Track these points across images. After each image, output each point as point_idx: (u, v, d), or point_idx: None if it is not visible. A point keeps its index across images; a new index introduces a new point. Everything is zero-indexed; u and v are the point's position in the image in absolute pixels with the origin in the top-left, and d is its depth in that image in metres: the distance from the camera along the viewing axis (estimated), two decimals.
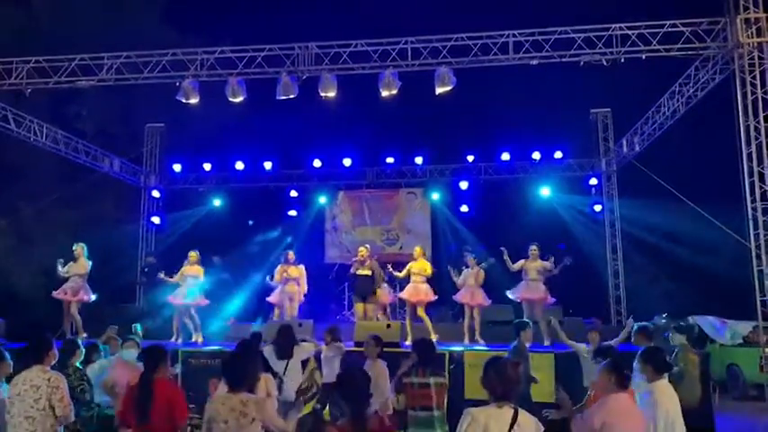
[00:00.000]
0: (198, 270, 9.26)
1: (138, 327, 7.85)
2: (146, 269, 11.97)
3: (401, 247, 13.32)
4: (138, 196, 13.46)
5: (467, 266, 8.77)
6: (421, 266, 8.71)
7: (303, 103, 9.98)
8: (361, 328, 8.09)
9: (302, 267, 9.63)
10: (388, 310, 10.81)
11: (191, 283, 9.13)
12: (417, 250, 8.93)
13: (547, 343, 8.36)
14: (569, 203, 12.38)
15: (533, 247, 8.41)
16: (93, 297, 8.68)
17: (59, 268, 8.48)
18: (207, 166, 13.04)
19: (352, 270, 9.24)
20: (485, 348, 7.78)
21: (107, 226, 11.55)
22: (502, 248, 8.39)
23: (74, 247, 8.58)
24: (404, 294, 8.89)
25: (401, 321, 9.33)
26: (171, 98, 9.21)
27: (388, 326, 8.04)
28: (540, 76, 9.54)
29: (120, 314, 9.39)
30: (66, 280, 8.49)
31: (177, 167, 13.13)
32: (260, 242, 12.66)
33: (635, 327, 5.33)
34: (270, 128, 11.92)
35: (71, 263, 8.52)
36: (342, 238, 13.69)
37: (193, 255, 9.33)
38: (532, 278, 8.31)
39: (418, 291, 8.73)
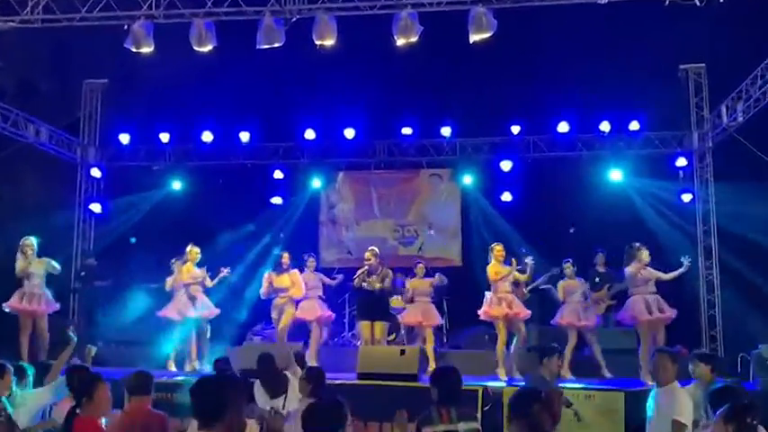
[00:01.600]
0: (201, 272, 9.90)
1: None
2: (82, 273, 12.12)
3: (421, 248, 13.38)
4: (73, 176, 13.54)
5: (558, 276, 9.34)
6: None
7: (292, 55, 9.99)
8: (366, 355, 8.28)
9: (296, 273, 9.93)
10: (403, 330, 10.96)
11: (192, 289, 9.76)
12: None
13: (608, 375, 8.66)
14: (648, 191, 12.31)
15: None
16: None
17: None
18: (164, 137, 13.05)
19: (355, 282, 9.46)
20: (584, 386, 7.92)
21: (31, 215, 11.64)
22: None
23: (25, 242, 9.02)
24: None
25: (421, 346, 9.46)
26: (117, 46, 9.24)
27: (403, 352, 8.19)
28: (610, 19, 9.46)
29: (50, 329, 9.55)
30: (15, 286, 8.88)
31: (124, 138, 13.17)
32: (232, 239, 12.77)
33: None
34: (248, 87, 11.95)
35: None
36: (342, 234, 13.78)
37: (194, 250, 9.92)
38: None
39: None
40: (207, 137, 12.94)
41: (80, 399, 4.56)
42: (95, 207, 13.20)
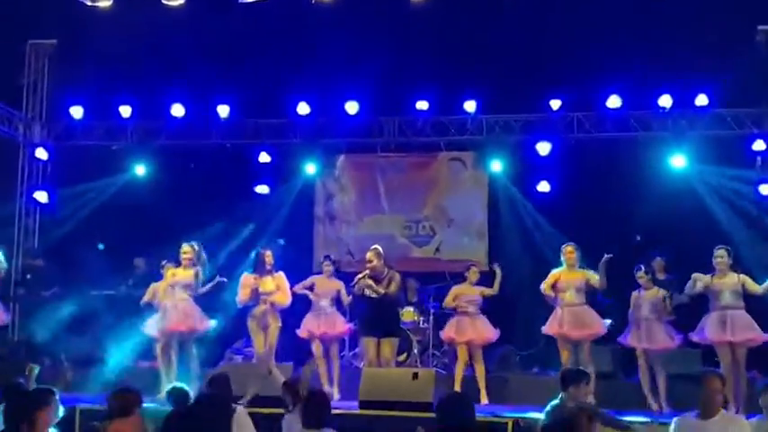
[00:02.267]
0: (189, 275, 9.88)
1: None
2: (27, 276, 12.08)
3: (438, 249, 13.36)
4: (14, 158, 13.45)
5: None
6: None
7: (281, 9, 9.84)
8: (370, 378, 8.36)
9: (281, 276, 9.84)
10: (416, 349, 11.12)
11: (180, 297, 9.88)
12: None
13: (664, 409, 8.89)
14: (718, 181, 12.15)
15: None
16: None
17: None
18: (125, 111, 13.02)
19: (356, 288, 9.50)
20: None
21: None
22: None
23: None
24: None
25: (438, 369, 9.43)
26: None
27: (416, 376, 8.27)
28: None
29: None
30: None
31: (77, 112, 13.13)
32: (210, 235, 12.46)
33: None
34: (227, 49, 11.85)
35: None
36: (342, 232, 13.78)
37: (188, 249, 9.95)
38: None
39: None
40: (177, 111, 12.86)
41: (18, 426, 4.61)
42: (41, 196, 13.05)
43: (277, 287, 9.79)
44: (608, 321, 9.90)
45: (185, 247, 10.03)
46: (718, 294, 9.00)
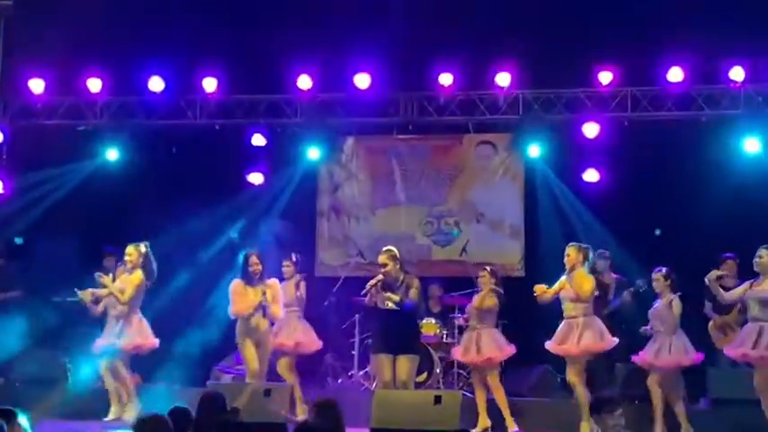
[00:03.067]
0: (138, 279, 10.20)
1: None
2: None
3: (465, 250, 13.38)
4: None
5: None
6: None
7: None
8: (384, 403, 8.30)
9: (275, 284, 10.02)
10: (438, 368, 11.15)
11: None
12: None
13: None
14: None
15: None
16: None
17: None
18: (94, 85, 13.07)
19: (367, 298, 9.51)
20: None
21: None
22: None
23: None
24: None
25: (464, 392, 9.54)
26: None
27: (438, 400, 8.16)
28: None
29: None
30: None
31: (37, 86, 13.18)
32: (193, 232, 12.81)
33: None
34: (215, 12, 11.99)
35: None
36: (350, 228, 13.81)
37: (133, 251, 10.23)
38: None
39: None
40: (156, 85, 12.92)
41: None
42: None
43: (272, 298, 9.94)
44: None
45: (132, 248, 10.29)
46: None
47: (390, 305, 9.39)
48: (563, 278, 9.71)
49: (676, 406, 9.56)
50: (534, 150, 12.77)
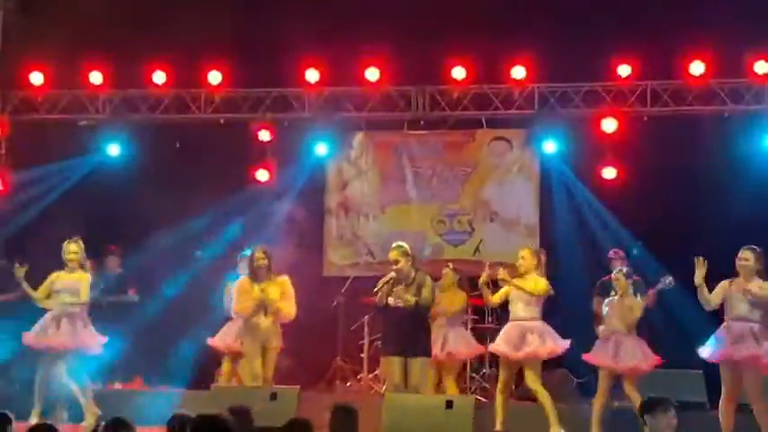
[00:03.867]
0: (81, 278, 10.12)
1: None
2: None
3: (478, 249, 13.33)
4: None
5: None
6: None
7: None
8: (393, 407, 8.33)
9: (285, 281, 9.84)
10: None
11: (67, 303, 10.09)
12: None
13: None
14: None
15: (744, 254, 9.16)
16: None
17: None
18: (95, 78, 13.11)
19: (378, 297, 9.46)
20: None
21: None
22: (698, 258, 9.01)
23: None
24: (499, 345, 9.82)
25: (478, 396, 9.45)
26: None
27: (450, 405, 8.15)
28: None
29: None
30: None
31: (37, 79, 13.23)
32: (197, 230, 12.80)
33: None
34: (219, 1, 12.09)
35: None
36: (359, 227, 13.77)
37: (73, 248, 10.17)
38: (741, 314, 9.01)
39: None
40: (158, 77, 12.98)
41: None
42: None
43: (282, 294, 9.75)
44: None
45: (72, 245, 10.29)
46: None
47: (402, 304, 9.31)
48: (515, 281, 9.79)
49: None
50: (550, 146, 12.84)
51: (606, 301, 9.78)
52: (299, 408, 8.07)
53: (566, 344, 9.72)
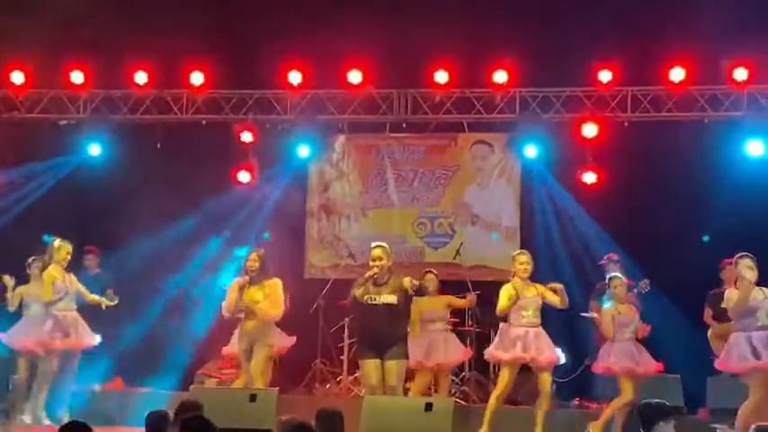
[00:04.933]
0: (70, 282, 10.26)
1: None
2: None
3: (459, 253, 13.36)
4: None
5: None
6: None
7: None
8: (372, 410, 8.18)
9: (275, 284, 9.92)
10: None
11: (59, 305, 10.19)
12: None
13: None
14: None
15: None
16: None
17: None
18: (76, 78, 13.06)
19: (356, 291, 9.37)
20: None
21: None
22: None
23: None
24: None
25: (456, 399, 9.32)
26: None
27: (429, 407, 8.08)
28: None
29: None
30: None
31: (17, 78, 13.14)
32: (178, 231, 12.76)
33: None
34: (202, 2, 12.00)
35: None
36: (340, 228, 13.79)
37: (63, 247, 10.23)
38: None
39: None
40: (141, 78, 12.93)
41: None
42: None
43: (266, 297, 9.76)
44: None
45: (61, 243, 10.38)
46: None
47: (380, 300, 9.29)
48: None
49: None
50: (531, 151, 12.81)
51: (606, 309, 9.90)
52: (279, 410, 7.97)
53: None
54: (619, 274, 10.02)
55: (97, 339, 10.43)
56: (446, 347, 10.65)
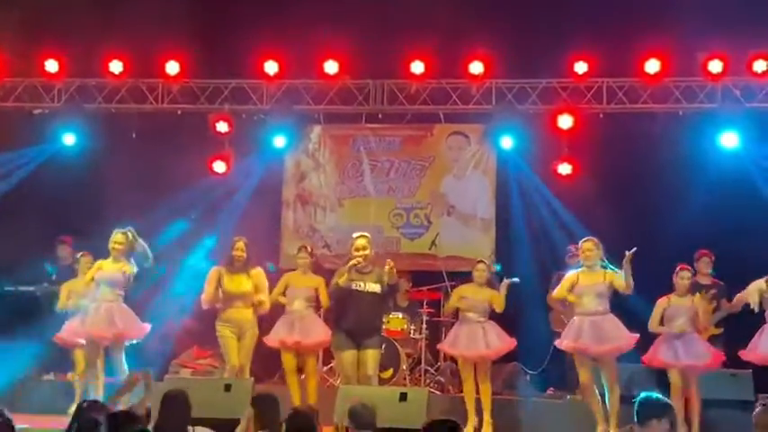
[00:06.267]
0: (123, 268, 9.75)
1: None
2: None
3: (434, 243, 13.39)
4: None
5: None
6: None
7: None
8: (347, 399, 8.17)
9: (260, 273, 10.01)
10: (405, 364, 11.16)
11: (107, 294, 9.71)
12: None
13: None
14: None
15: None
16: None
17: None
18: (51, 66, 13.02)
19: (339, 279, 9.47)
20: None
21: None
22: None
23: None
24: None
25: (431, 390, 9.29)
26: None
27: (404, 397, 8.19)
28: None
29: None
30: None
31: None
32: (153, 221, 12.46)
33: None
34: None
35: None
36: (315, 219, 13.82)
37: (120, 238, 9.80)
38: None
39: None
40: (116, 67, 12.89)
41: None
42: None
43: (255, 288, 9.81)
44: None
45: (118, 236, 9.89)
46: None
47: (366, 288, 9.38)
48: (573, 273, 9.57)
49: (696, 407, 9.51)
50: (507, 142, 12.83)
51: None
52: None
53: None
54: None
55: None
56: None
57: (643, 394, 6.07)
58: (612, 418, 9.06)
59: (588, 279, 9.34)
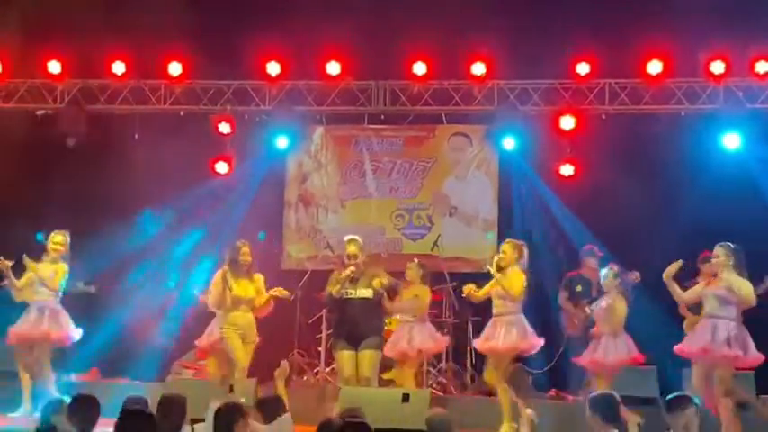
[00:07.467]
0: (58, 269, 10.11)
1: None
2: None
3: (436, 244, 13.30)
4: None
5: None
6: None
7: None
8: (348, 400, 8.18)
9: (261, 279, 10.08)
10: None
11: (42, 293, 10.09)
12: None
13: None
14: None
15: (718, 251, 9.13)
16: None
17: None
18: (54, 67, 13.01)
19: (331, 288, 9.54)
20: None
21: None
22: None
23: None
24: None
25: (434, 390, 9.28)
26: None
27: (406, 398, 8.13)
28: None
29: None
30: None
31: None
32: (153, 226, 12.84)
33: None
34: None
35: None
36: (318, 220, 13.78)
37: (60, 239, 10.15)
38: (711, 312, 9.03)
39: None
40: (119, 68, 12.89)
41: None
42: None
43: (257, 292, 9.83)
44: None
45: (57, 237, 10.18)
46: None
47: (356, 294, 9.39)
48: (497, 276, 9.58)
49: None
50: (509, 143, 12.81)
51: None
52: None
53: (539, 341, 9.75)
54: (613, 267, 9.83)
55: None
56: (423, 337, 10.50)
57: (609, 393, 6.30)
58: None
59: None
